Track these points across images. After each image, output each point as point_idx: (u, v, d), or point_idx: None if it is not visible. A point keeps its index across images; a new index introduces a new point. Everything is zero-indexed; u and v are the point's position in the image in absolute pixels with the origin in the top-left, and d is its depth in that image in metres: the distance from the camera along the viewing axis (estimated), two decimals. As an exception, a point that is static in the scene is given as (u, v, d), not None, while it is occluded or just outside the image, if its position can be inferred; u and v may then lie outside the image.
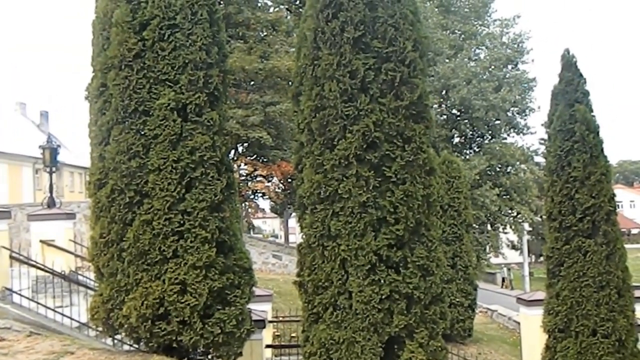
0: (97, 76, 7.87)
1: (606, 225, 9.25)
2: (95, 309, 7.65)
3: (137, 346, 8.09)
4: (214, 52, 7.84)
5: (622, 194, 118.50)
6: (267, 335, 12.22)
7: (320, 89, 8.11)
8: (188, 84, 7.55)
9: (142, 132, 7.49)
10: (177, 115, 7.48)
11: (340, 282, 7.94)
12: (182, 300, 7.29)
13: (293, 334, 14.86)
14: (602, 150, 9.51)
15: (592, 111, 9.61)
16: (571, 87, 9.66)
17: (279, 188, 42.56)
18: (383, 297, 7.77)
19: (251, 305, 8.44)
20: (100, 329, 8.08)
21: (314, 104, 8.14)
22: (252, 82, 37.18)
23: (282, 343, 14.55)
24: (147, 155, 7.46)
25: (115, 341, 9.26)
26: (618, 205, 8.97)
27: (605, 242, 9.22)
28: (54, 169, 15.90)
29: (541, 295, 11.06)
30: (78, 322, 10.30)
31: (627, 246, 9.66)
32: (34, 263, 11.41)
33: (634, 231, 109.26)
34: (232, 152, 36.21)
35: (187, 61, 7.57)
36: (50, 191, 15.11)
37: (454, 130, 43.49)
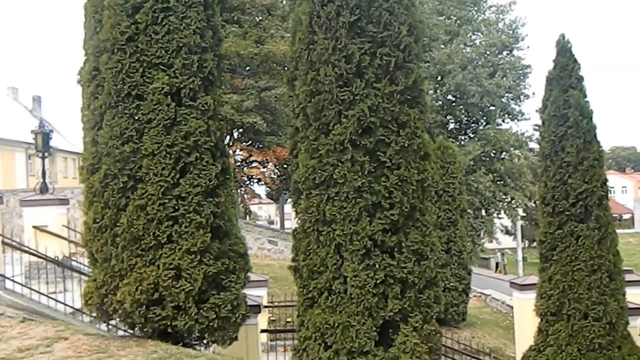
0: (89, 60, 7.78)
1: (598, 210, 9.28)
2: (89, 295, 7.61)
3: (131, 331, 8.08)
4: (209, 36, 7.77)
5: (614, 179, 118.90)
6: (262, 320, 12.24)
7: (316, 73, 8.05)
8: (182, 68, 7.47)
9: (136, 117, 7.41)
10: (171, 99, 7.42)
11: (335, 266, 7.92)
12: (177, 286, 7.25)
13: (288, 319, 14.89)
14: (595, 135, 9.51)
15: (586, 97, 9.60)
16: (565, 73, 9.63)
17: (274, 174, 42.60)
18: (378, 281, 7.76)
19: (247, 291, 8.43)
20: (94, 314, 8.03)
21: (309, 89, 8.09)
22: (247, 67, 37.09)
23: (278, 328, 14.61)
24: (140, 139, 7.39)
25: (110, 327, 9.26)
26: (610, 191, 9.02)
27: (597, 227, 9.25)
28: (46, 154, 15.84)
29: (534, 279, 11.12)
30: (72, 307, 10.28)
31: (618, 231, 9.72)
32: (27, 249, 11.37)
33: (626, 216, 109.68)
34: (228, 137, 36.12)
35: (181, 45, 7.49)
36: (43, 177, 15.07)
37: (449, 116, 43.55)
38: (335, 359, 7.86)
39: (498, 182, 42.18)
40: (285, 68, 9.88)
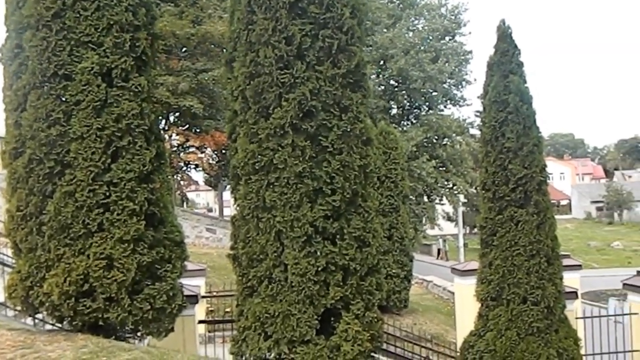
0: (11, 36, 7.28)
1: (537, 195, 9.34)
2: (13, 287, 7.20)
3: (60, 325, 7.68)
4: (142, 13, 7.40)
5: (552, 166, 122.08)
6: (200, 310, 12.05)
7: (255, 55, 7.80)
8: (113, 47, 7.10)
9: (63, 98, 7.00)
10: (102, 80, 7.03)
11: (275, 254, 7.74)
12: (109, 276, 6.93)
13: (227, 309, 14.63)
14: (534, 121, 9.55)
15: (526, 82, 9.63)
16: (506, 58, 9.63)
17: (212, 159, 41.98)
18: (319, 269, 7.61)
19: (183, 280, 8.19)
20: (18, 308, 7.68)
21: (248, 71, 7.84)
22: (183, 48, 36.18)
23: (216, 318, 14.34)
24: (68, 122, 6.99)
25: (37, 321, 8.83)
26: (549, 177, 9.05)
27: (537, 212, 9.31)
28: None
29: (475, 265, 11.18)
30: (-6, 301, 9.78)
31: (556, 217, 9.82)
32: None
33: (563, 202, 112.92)
34: (163, 121, 35.26)
35: (112, 22, 7.10)
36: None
37: (391, 101, 43.58)
38: (275, 349, 7.72)
39: (440, 169, 42.51)
40: (224, 49, 9.62)
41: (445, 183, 43.64)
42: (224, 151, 36.82)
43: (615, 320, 12.96)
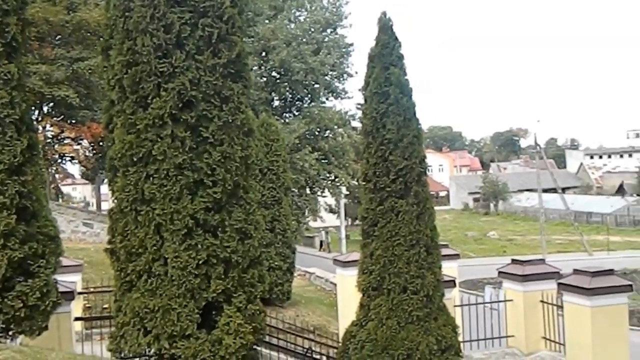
0: None
1: (417, 186, 9.54)
2: None
3: None
4: (11, -3, 7.05)
5: (432, 158, 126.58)
6: (76, 307, 11.64)
7: (133, 43, 7.58)
8: (-21, 32, 6.74)
9: None
10: (-34, 66, 6.67)
11: (155, 248, 7.57)
12: (-24, 273, 6.60)
13: (105, 305, 14.19)
14: (414, 113, 9.72)
15: (406, 75, 9.78)
16: (387, 51, 9.76)
17: (89, 151, 40.49)
18: (200, 262, 7.53)
19: (58, 276, 7.95)
20: None
21: (125, 59, 7.61)
22: (57, 36, 34.64)
23: (93, 315, 13.88)
24: None
25: None
26: (428, 169, 9.28)
27: (416, 203, 9.50)
28: None
29: (357, 256, 11.34)
30: None
31: (435, 208, 10.05)
32: None
33: (442, 193, 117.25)
34: (36, 112, 33.69)
35: (-23, 6, 6.73)
36: None
37: (273, 93, 43.53)
38: (155, 344, 7.57)
39: (322, 161, 42.88)
40: (101, 37, 9.27)
41: (328, 175, 44.13)
42: (101, 143, 35.60)
43: (491, 307, 13.41)
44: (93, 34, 33.44)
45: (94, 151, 40.50)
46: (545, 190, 68.46)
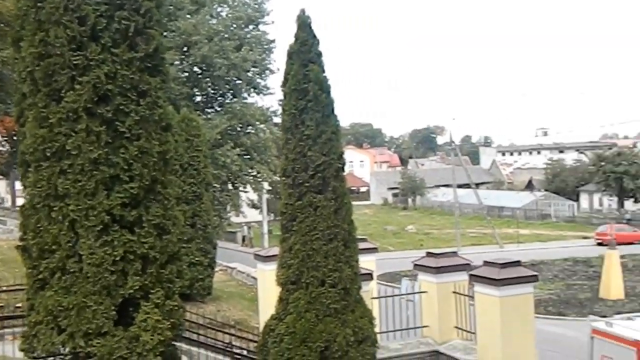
0: None
1: (335, 182, 9.66)
2: None
3: None
4: None
5: (353, 154, 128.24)
6: (-13, 306, 11.21)
7: (45, 34, 7.39)
8: None
9: None
10: None
11: (69, 244, 7.42)
12: None
13: (18, 304, 13.74)
14: (333, 109, 9.84)
15: (324, 72, 9.88)
16: (306, 48, 9.83)
17: (2, 146, 39.05)
18: (116, 258, 7.42)
19: (-34, 276, 7.61)
20: None
21: (37, 51, 7.41)
22: (-35, 26, 33.14)
23: (5, 314, 13.42)
24: None
25: None
26: (350, 165, 9.32)
27: (334, 198, 9.62)
28: None
29: (277, 250, 11.37)
30: None
31: (356, 203, 10.23)
32: None
33: (363, 189, 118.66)
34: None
35: None
36: None
37: (195, 88, 42.99)
38: (70, 343, 7.43)
39: (244, 156, 42.68)
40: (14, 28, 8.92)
41: (250, 171, 43.96)
42: (15, 137, 34.34)
43: (407, 299, 13.68)
44: (6, 24, 32.15)
45: (8, 145, 39.06)
46: (460, 186, 70.47)
